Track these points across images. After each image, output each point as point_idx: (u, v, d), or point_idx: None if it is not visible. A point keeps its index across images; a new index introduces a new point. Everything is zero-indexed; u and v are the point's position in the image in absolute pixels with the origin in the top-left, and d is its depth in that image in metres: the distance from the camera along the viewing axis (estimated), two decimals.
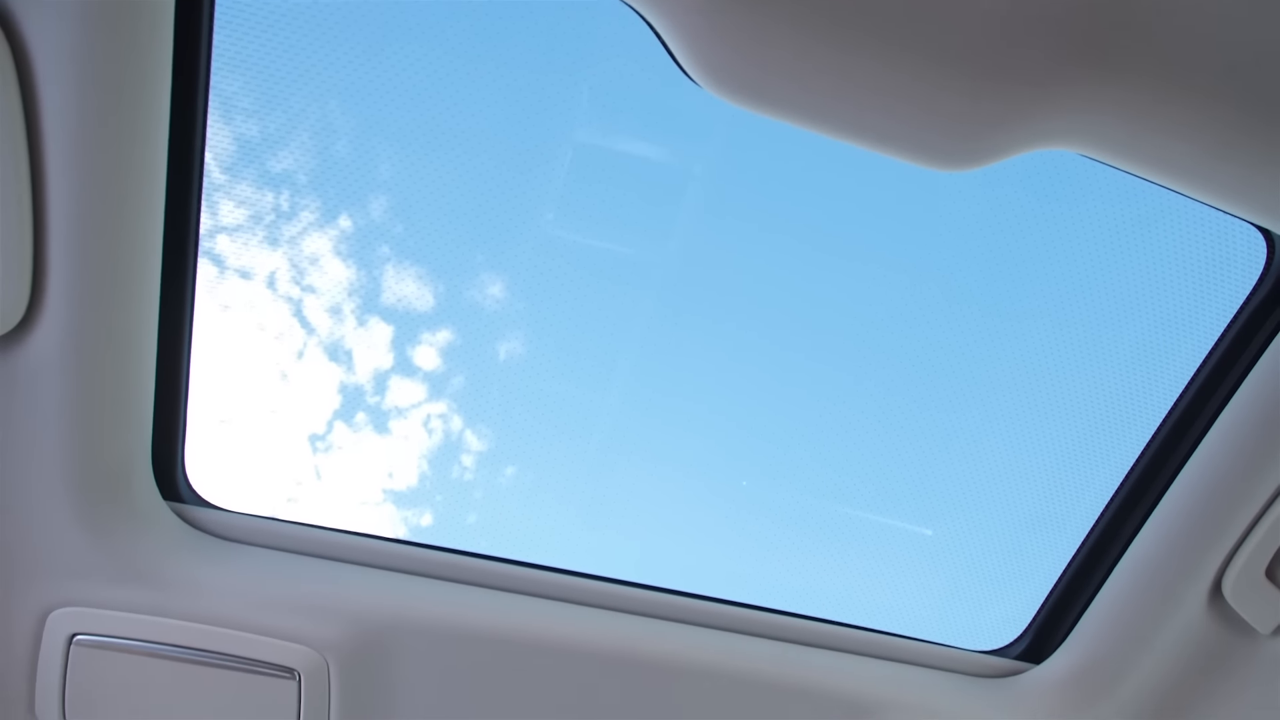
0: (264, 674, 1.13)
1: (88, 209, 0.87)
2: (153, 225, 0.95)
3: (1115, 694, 1.32)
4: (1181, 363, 1.24)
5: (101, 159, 0.86)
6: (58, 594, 1.08)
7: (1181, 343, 1.25)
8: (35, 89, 0.81)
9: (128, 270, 0.94)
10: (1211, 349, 1.20)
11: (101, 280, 0.92)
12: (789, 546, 1.51)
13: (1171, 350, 1.27)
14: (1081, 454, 1.40)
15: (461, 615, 1.17)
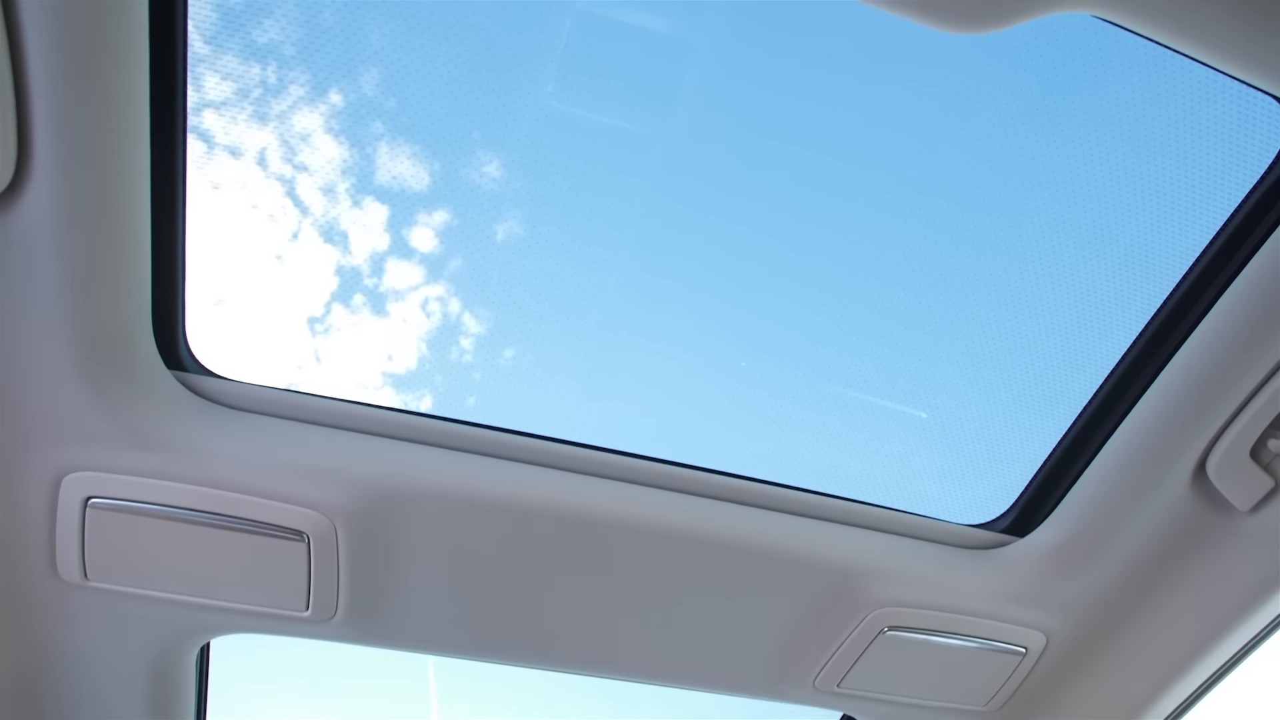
0: (274, 537, 1.18)
1: (71, 70, 0.86)
2: (139, 88, 0.94)
3: (1095, 566, 1.38)
4: (1185, 246, 1.23)
5: (82, 23, 0.84)
6: (70, 459, 1.11)
7: (1186, 227, 1.24)
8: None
9: (116, 134, 0.93)
10: (1216, 233, 1.19)
11: (90, 143, 0.91)
12: (785, 423, 1.54)
13: (1176, 234, 1.26)
14: (1078, 335, 1.41)
15: (465, 483, 1.20)
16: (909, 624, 1.39)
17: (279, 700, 2.19)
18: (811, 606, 1.37)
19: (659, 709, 2.31)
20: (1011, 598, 1.41)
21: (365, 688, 2.31)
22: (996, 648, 1.44)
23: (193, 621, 1.31)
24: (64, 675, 1.35)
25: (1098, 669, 1.50)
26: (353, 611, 1.29)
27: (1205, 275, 1.20)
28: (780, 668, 1.46)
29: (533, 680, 2.27)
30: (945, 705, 1.54)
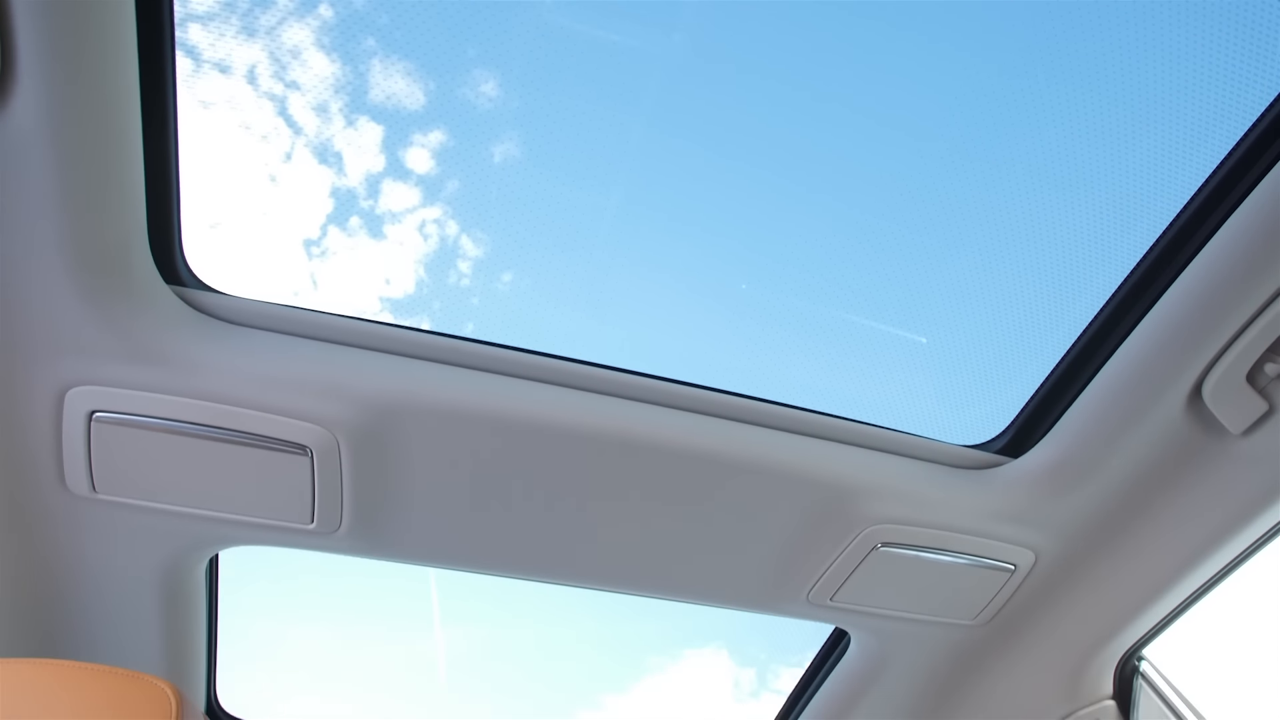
0: (278, 451, 1.19)
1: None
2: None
3: (1086, 487, 1.40)
4: (1190, 173, 1.22)
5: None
6: (72, 373, 1.12)
7: (1191, 154, 1.23)
8: None
9: (102, 45, 0.91)
10: (1221, 161, 1.17)
11: (75, 54, 0.89)
12: (784, 345, 1.55)
13: (1181, 161, 1.24)
14: (1080, 260, 1.41)
15: (466, 398, 1.21)
16: (902, 540, 1.42)
17: (287, 612, 2.26)
18: (806, 522, 1.40)
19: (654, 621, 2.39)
20: (1003, 516, 1.44)
21: (370, 602, 2.38)
22: (986, 564, 1.48)
23: (201, 534, 1.34)
24: (78, 585, 1.39)
25: (1084, 586, 1.55)
26: (357, 524, 1.32)
27: (1209, 202, 1.18)
28: (775, 582, 1.51)
29: (532, 592, 2.34)
30: (935, 619, 1.59)
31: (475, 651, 2.57)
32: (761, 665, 2.42)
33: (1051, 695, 1.71)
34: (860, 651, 1.72)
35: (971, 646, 1.68)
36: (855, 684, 1.79)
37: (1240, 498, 1.35)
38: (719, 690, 2.68)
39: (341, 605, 2.40)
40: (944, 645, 1.68)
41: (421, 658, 2.54)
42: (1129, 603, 1.54)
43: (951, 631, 1.64)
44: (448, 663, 2.53)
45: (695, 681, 2.71)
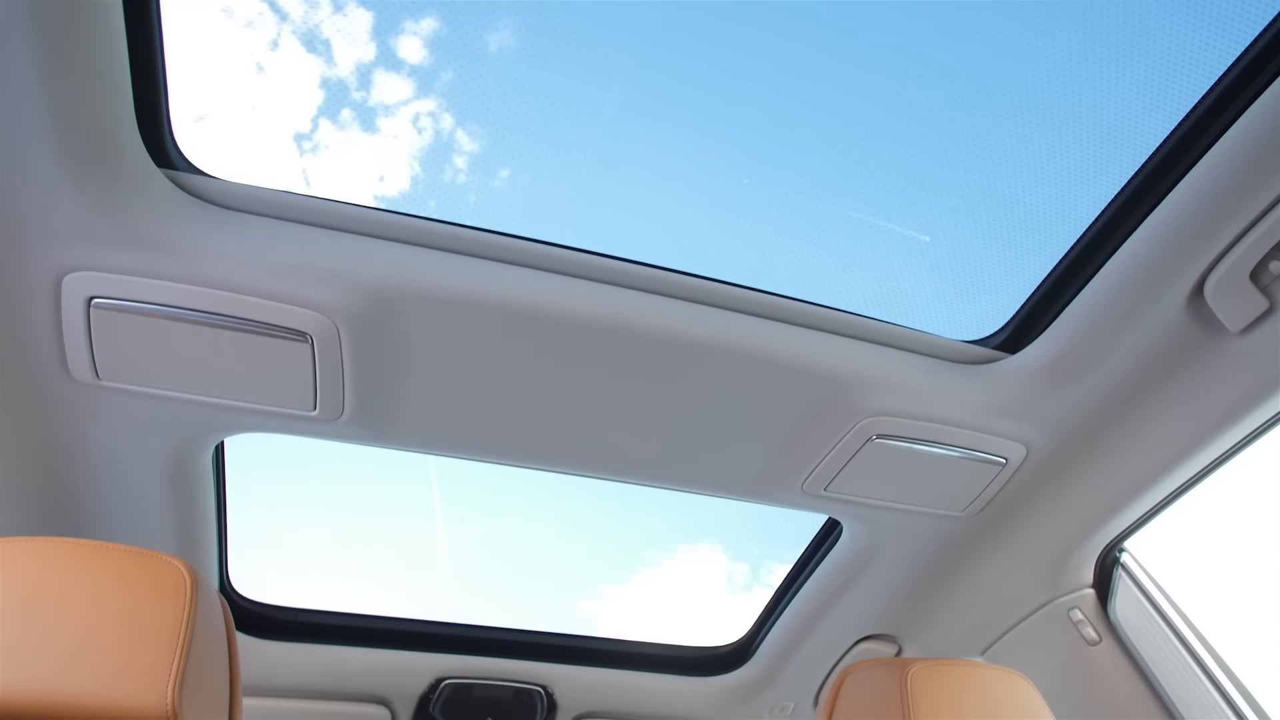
0: (278, 337, 1.20)
1: None
2: None
3: (1081, 383, 1.42)
4: (1203, 71, 1.18)
5: None
6: (67, 258, 1.11)
7: (1205, 51, 1.19)
8: None
9: None
10: (1236, 59, 1.14)
11: None
12: (784, 238, 1.54)
13: (1194, 59, 1.21)
14: (1087, 156, 1.38)
15: (466, 286, 1.21)
16: (896, 433, 1.44)
17: (294, 502, 2.32)
18: (804, 413, 1.42)
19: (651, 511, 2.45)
20: (997, 411, 1.46)
21: (374, 496, 2.44)
22: (978, 458, 1.51)
23: (205, 420, 1.35)
24: (90, 470, 1.42)
25: (1072, 479, 1.58)
26: (359, 411, 1.34)
27: (1221, 100, 1.16)
28: (771, 472, 1.54)
29: (531, 488, 2.39)
30: (925, 510, 1.64)
31: (476, 544, 2.65)
32: (755, 561, 2.50)
33: (1034, 583, 1.77)
34: (851, 541, 1.77)
35: (959, 537, 1.74)
36: (845, 572, 1.85)
37: (1232, 395, 1.36)
38: (713, 583, 2.77)
39: (346, 499, 2.45)
40: (933, 535, 1.73)
41: (424, 550, 2.62)
42: (1114, 496, 1.58)
43: (941, 522, 1.68)
44: (449, 554, 2.61)
45: (690, 574, 2.80)
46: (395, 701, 2.01)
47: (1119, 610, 1.71)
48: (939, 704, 1.16)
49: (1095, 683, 1.71)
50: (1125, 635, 1.69)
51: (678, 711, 2.21)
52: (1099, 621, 1.72)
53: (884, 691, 1.19)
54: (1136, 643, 1.67)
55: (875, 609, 1.96)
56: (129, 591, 0.89)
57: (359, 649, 1.94)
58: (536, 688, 2.04)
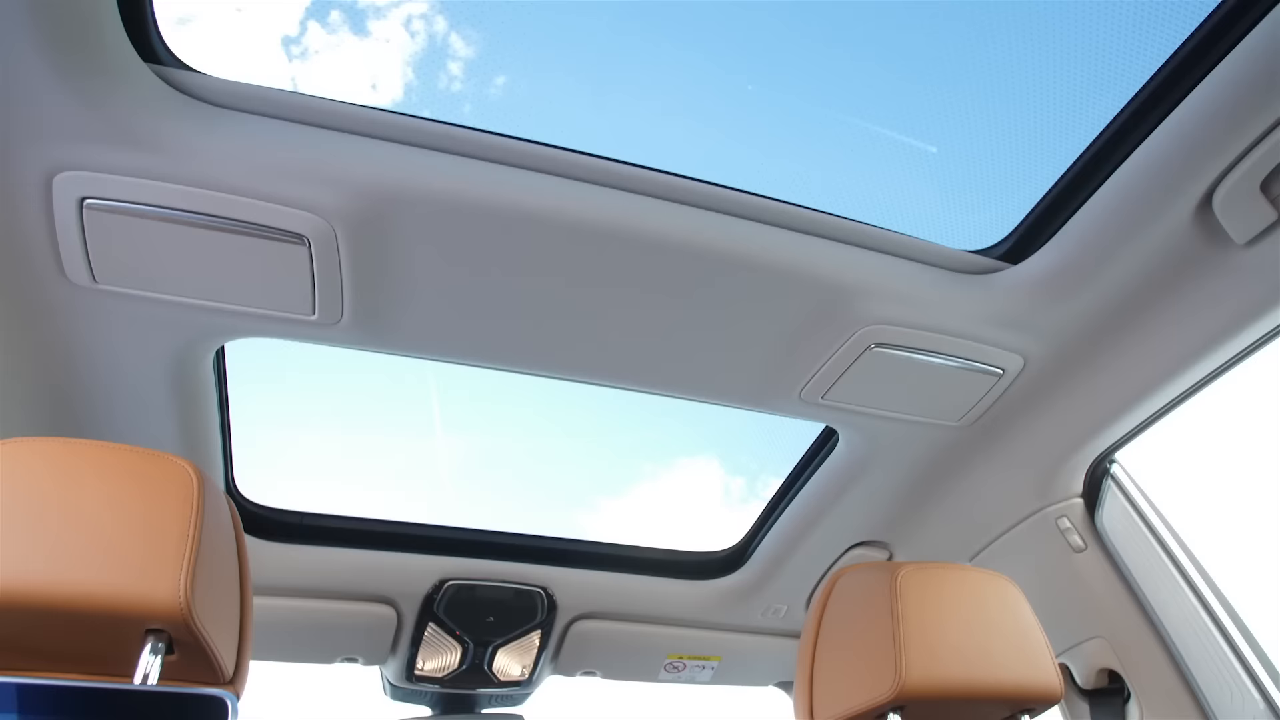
0: (274, 240, 1.19)
1: None
2: None
3: (1082, 294, 1.41)
4: None
5: None
6: (56, 157, 1.09)
7: None
8: None
9: None
10: None
11: None
12: (786, 144, 1.51)
13: None
14: (1098, 63, 1.34)
15: (465, 187, 1.19)
16: (895, 342, 1.45)
17: (297, 412, 2.34)
18: (803, 321, 1.42)
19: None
20: (997, 321, 1.46)
21: (376, 408, 2.46)
22: (976, 368, 1.52)
23: (204, 324, 1.35)
24: (92, 375, 1.43)
25: (1067, 390, 1.60)
26: (358, 316, 1.34)
27: (1239, 7, 1.11)
28: (769, 379, 1.55)
29: (531, 401, 2.41)
30: (921, 419, 1.66)
31: (476, 455, 2.68)
32: (751, 475, 2.54)
33: (1024, 493, 1.81)
34: (847, 449, 1.80)
35: (953, 446, 1.76)
36: (840, 480, 1.89)
37: (1231, 309, 1.36)
38: (710, 495, 2.82)
39: (349, 410, 2.48)
40: (927, 445, 1.76)
41: (425, 460, 2.65)
42: (1108, 408, 1.60)
43: (936, 432, 1.71)
44: (450, 465, 2.65)
45: (687, 487, 2.85)
46: (400, 601, 2.07)
47: (1105, 520, 1.75)
48: (926, 604, 1.20)
49: (1078, 588, 1.77)
50: (1110, 543, 1.74)
51: (673, 613, 2.29)
52: (1085, 530, 1.77)
53: (874, 592, 1.23)
54: (1120, 551, 1.71)
55: (868, 516, 2.01)
56: (137, 490, 0.91)
57: (364, 551, 1.99)
58: (537, 589, 2.11)
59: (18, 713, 0.79)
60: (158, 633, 0.88)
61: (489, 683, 2.26)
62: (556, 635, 2.23)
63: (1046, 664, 1.24)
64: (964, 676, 1.16)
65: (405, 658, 2.18)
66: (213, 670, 0.95)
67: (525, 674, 2.27)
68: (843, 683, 1.23)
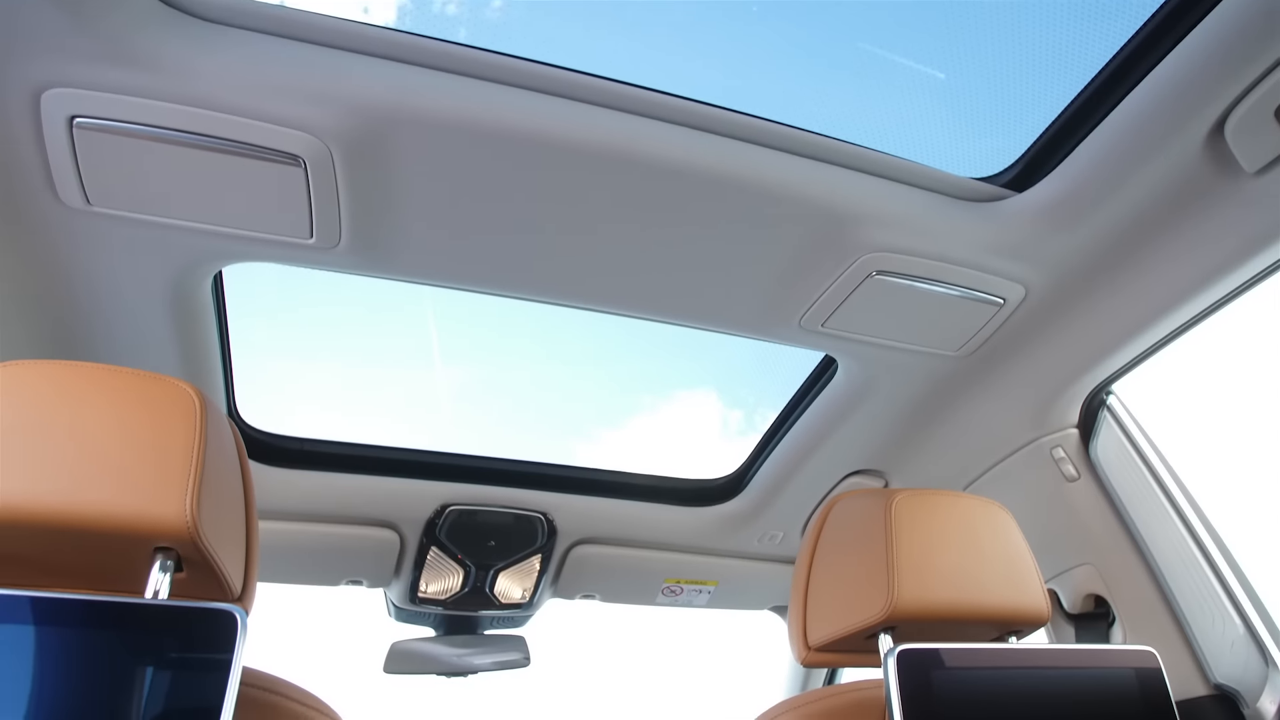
0: (270, 160, 1.17)
1: None
2: None
3: (1086, 224, 1.39)
4: None
5: None
6: (42, 73, 1.07)
7: None
8: None
9: None
10: None
11: None
12: (790, 66, 1.48)
13: None
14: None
15: (464, 107, 1.17)
16: (896, 270, 1.44)
17: (296, 343, 2.34)
18: (804, 247, 1.41)
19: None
20: (1000, 250, 1.44)
21: (376, 340, 2.46)
22: (977, 297, 1.51)
23: (200, 248, 1.34)
24: (90, 299, 1.42)
25: (1067, 321, 1.60)
26: (356, 240, 1.32)
27: None
28: (768, 306, 1.55)
29: (530, 332, 2.41)
30: (920, 349, 1.66)
31: (476, 385, 2.70)
32: (749, 409, 2.55)
33: (1021, 423, 1.82)
34: (846, 378, 1.80)
35: (952, 376, 1.77)
36: (838, 408, 1.90)
37: (1236, 239, 1.35)
38: (708, 427, 2.85)
39: (349, 341, 2.48)
40: (926, 374, 1.77)
41: (425, 390, 2.67)
42: (1108, 338, 1.60)
43: (934, 361, 1.71)
44: (449, 396, 2.67)
45: (685, 419, 2.87)
46: (403, 526, 2.11)
47: (1100, 450, 1.77)
48: (919, 528, 1.22)
49: (1069, 516, 1.80)
50: (1103, 473, 1.76)
51: (671, 539, 2.33)
52: (1079, 460, 1.79)
53: (869, 517, 1.25)
54: (1113, 481, 1.74)
55: (865, 445, 2.03)
56: (140, 412, 0.91)
57: (366, 477, 2.02)
58: (537, 514, 2.14)
59: (33, 624, 0.81)
60: (166, 551, 0.90)
61: (490, 605, 2.32)
62: (556, 559, 2.28)
63: (1035, 589, 1.27)
64: (954, 598, 1.19)
65: (408, 581, 2.23)
66: (221, 588, 0.98)
67: (526, 597, 2.33)
68: (836, 605, 1.26)
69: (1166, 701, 1.19)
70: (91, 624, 0.82)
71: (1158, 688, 1.19)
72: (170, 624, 0.85)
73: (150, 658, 0.83)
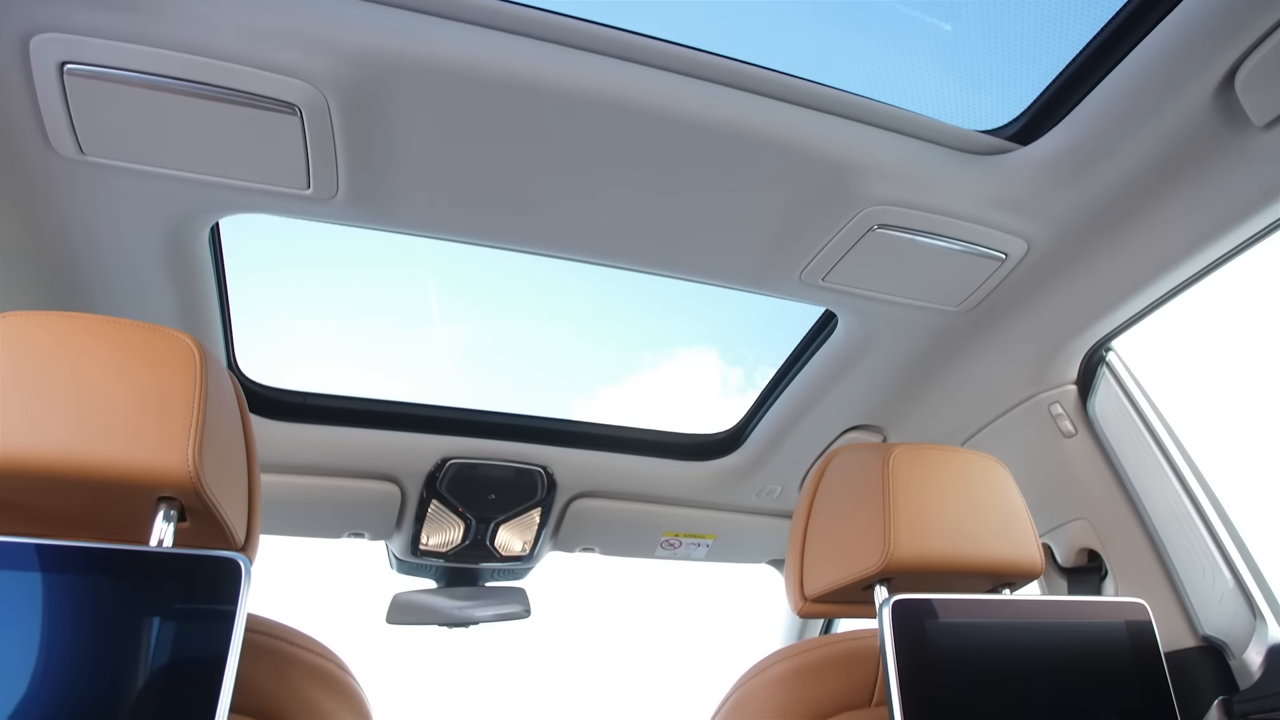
0: (265, 109, 1.15)
1: None
2: None
3: (1091, 177, 1.37)
4: None
5: None
6: (31, 17, 1.05)
7: None
8: None
9: None
10: None
11: None
12: (795, 14, 1.44)
13: None
14: None
15: (461, 54, 1.15)
16: (899, 223, 1.43)
17: (294, 300, 2.34)
18: (805, 199, 1.40)
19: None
20: (1003, 204, 1.43)
21: (374, 293, 2.45)
22: (979, 252, 1.50)
23: (196, 199, 1.33)
24: (85, 252, 1.42)
25: (1068, 277, 1.59)
26: (354, 190, 1.31)
27: None
28: (769, 260, 1.54)
29: (530, 290, 2.41)
30: (920, 304, 1.65)
31: (476, 341, 2.70)
32: (749, 367, 2.55)
33: (1019, 378, 1.83)
34: (846, 333, 1.80)
35: (952, 332, 1.77)
36: (837, 364, 1.90)
37: (1244, 194, 1.34)
38: (708, 384, 2.85)
39: (349, 298, 2.48)
40: (926, 330, 1.76)
41: (425, 346, 2.67)
42: (1109, 294, 1.59)
43: (935, 317, 1.71)
44: (450, 351, 2.67)
45: (686, 376, 2.88)
46: (404, 479, 2.13)
47: (1098, 406, 1.77)
48: (916, 481, 1.23)
49: (1065, 472, 1.81)
50: (1100, 429, 1.77)
51: (670, 492, 2.35)
52: (1077, 416, 1.79)
53: (866, 471, 1.26)
54: (1110, 437, 1.75)
55: (863, 401, 2.03)
56: (140, 363, 0.91)
57: (367, 430, 2.03)
58: (537, 468, 2.16)
59: (40, 571, 0.82)
60: (169, 500, 0.91)
61: (491, 557, 2.35)
62: (556, 513, 2.30)
63: (1029, 542, 1.28)
64: (949, 551, 1.20)
65: (410, 533, 2.25)
66: (225, 538, 0.99)
67: (526, 549, 2.35)
68: (833, 556, 1.28)
69: (1155, 652, 1.21)
70: (97, 571, 0.83)
71: (1147, 639, 1.21)
72: (175, 571, 0.86)
73: (155, 605, 0.84)
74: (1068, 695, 1.13)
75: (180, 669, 0.82)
